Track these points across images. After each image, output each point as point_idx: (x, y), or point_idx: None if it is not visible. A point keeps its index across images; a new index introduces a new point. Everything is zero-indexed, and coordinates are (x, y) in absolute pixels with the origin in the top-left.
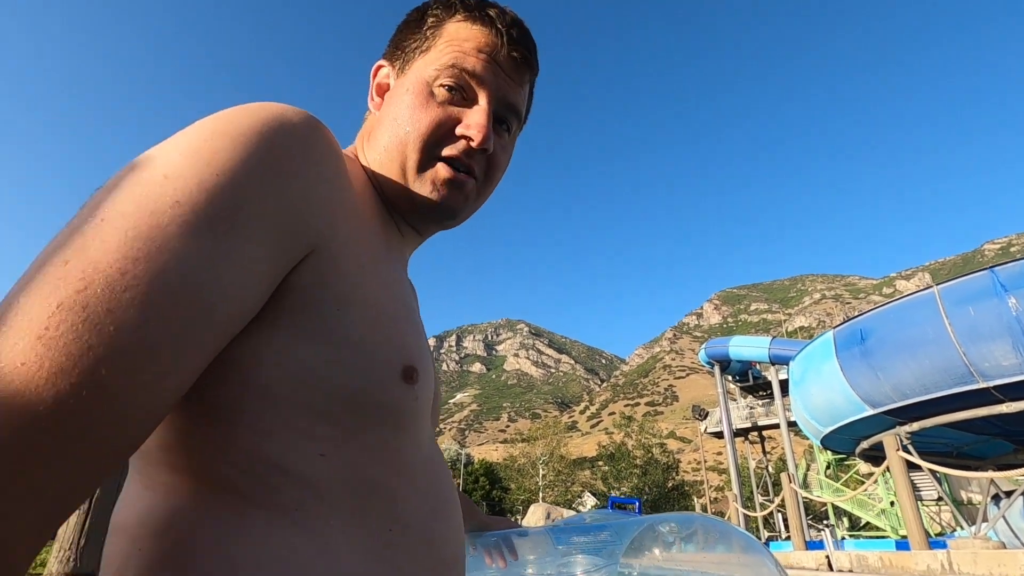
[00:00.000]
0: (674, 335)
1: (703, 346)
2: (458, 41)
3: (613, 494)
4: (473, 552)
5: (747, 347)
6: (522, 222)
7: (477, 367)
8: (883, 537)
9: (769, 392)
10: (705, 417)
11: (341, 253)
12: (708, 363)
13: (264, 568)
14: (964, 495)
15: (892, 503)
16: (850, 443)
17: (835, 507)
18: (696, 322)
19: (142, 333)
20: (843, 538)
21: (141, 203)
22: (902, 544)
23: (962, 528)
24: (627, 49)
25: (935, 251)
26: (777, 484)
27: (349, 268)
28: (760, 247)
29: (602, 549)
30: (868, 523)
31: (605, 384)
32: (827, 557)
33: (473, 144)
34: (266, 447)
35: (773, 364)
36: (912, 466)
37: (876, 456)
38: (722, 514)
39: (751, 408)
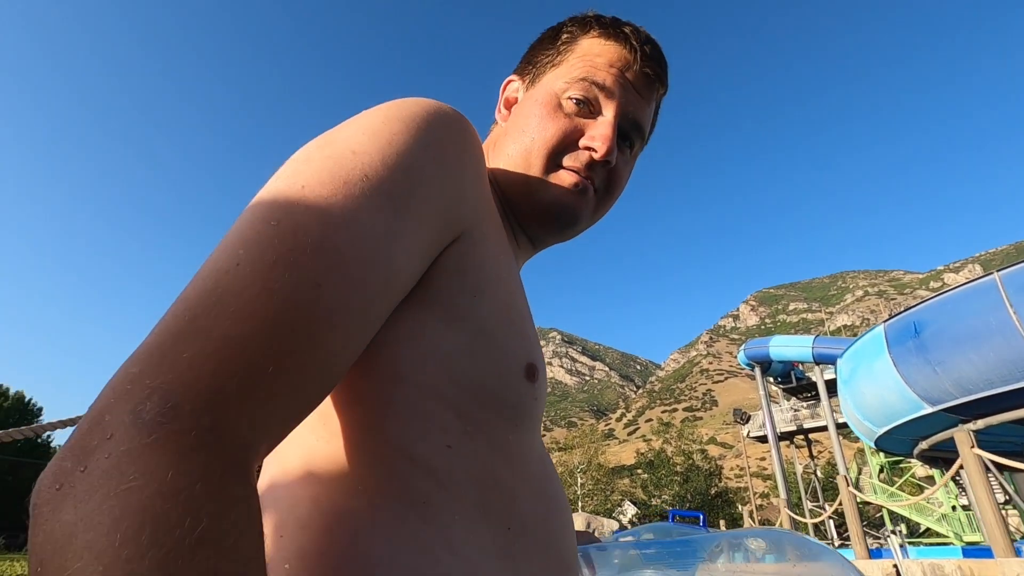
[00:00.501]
0: (710, 338)
1: (742, 347)
2: (591, 56)
3: (655, 502)
4: None
5: (789, 347)
6: None
7: None
8: (945, 544)
9: (814, 393)
10: (747, 421)
11: (480, 243)
12: (748, 365)
13: (396, 564)
14: None
15: (954, 507)
16: (907, 444)
17: (891, 513)
18: (733, 324)
19: (343, 297)
20: (901, 545)
21: (336, 174)
22: (970, 551)
23: None
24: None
25: (985, 241)
26: (827, 490)
27: (485, 259)
28: (797, 244)
29: (682, 562)
30: (928, 529)
31: (641, 390)
32: (895, 567)
33: (596, 156)
34: (397, 434)
35: (817, 364)
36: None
37: (936, 457)
38: (769, 522)
39: (795, 410)
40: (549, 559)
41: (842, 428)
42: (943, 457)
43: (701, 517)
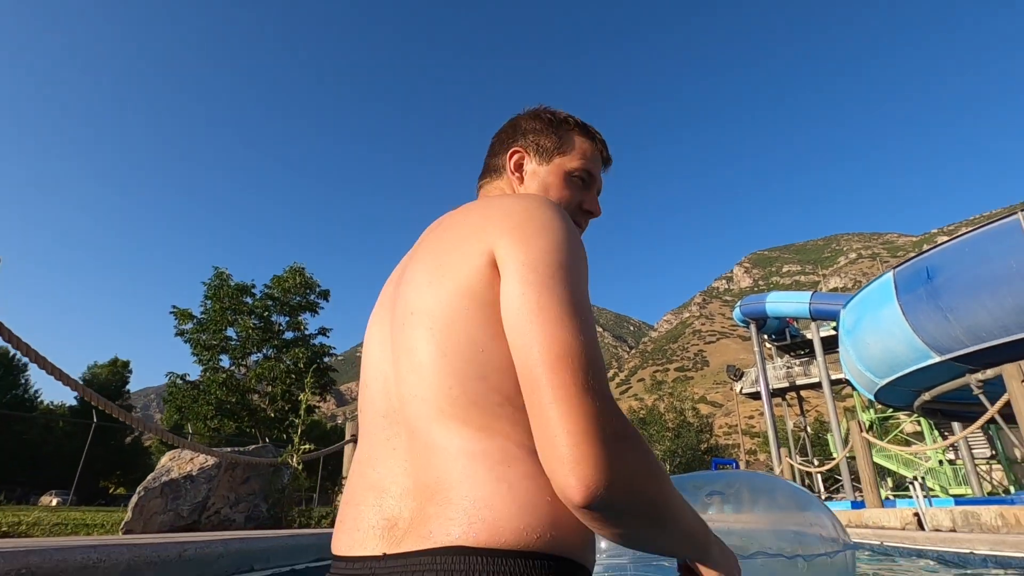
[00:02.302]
0: (703, 300)
1: (738, 304)
2: (583, 151)
3: None
4: None
5: (786, 303)
6: None
7: None
8: (932, 496)
9: (807, 351)
10: (740, 377)
11: None
12: (743, 321)
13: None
14: (1018, 453)
15: (940, 461)
16: (908, 396)
17: (878, 466)
18: (726, 286)
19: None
20: (887, 498)
21: (579, 284)
22: (962, 502)
23: (1018, 488)
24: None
25: (978, 204)
26: (815, 445)
27: None
28: (791, 207)
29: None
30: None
31: (634, 351)
32: (916, 515)
33: (595, 215)
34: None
35: (814, 320)
36: (962, 422)
37: (936, 409)
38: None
39: (788, 368)
40: None
41: (836, 384)
42: (943, 409)
43: (734, 464)
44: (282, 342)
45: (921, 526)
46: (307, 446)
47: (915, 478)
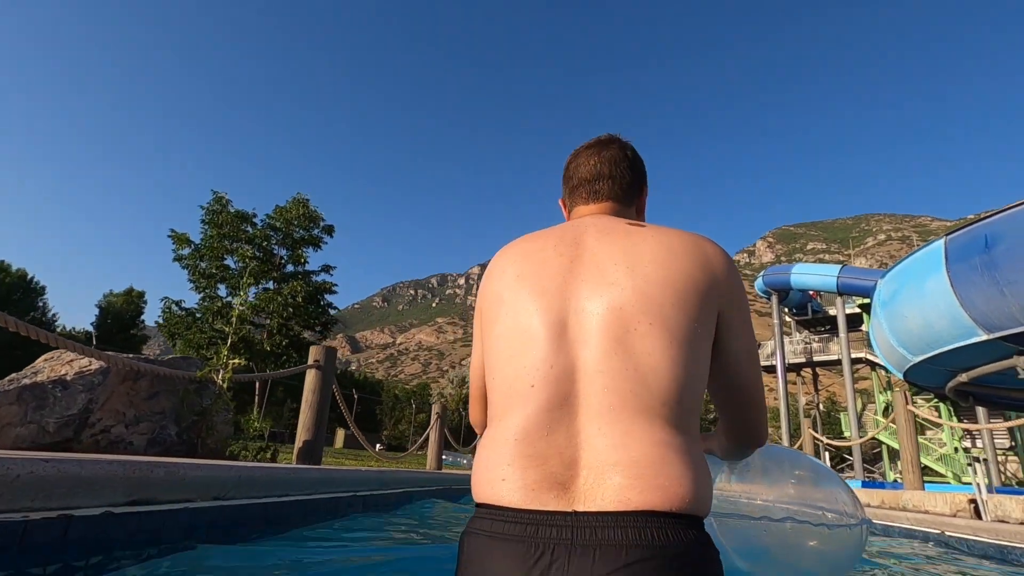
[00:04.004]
0: None
1: (760, 274)
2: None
3: None
4: None
5: (813, 275)
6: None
7: None
8: (943, 483)
9: (828, 328)
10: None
11: None
12: (764, 292)
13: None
14: None
15: (956, 449)
16: (943, 376)
17: (889, 449)
18: (748, 260)
19: None
20: (894, 480)
21: None
22: (1002, 491)
23: None
24: None
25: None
26: (826, 424)
27: None
28: (821, 182)
29: None
30: (926, 467)
31: None
32: (973, 502)
33: None
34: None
35: (841, 294)
36: (990, 408)
37: (970, 392)
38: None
39: (807, 343)
40: None
41: (857, 363)
42: (977, 392)
43: None
44: (282, 275)
45: (979, 515)
46: (236, 360)
47: (976, 459)
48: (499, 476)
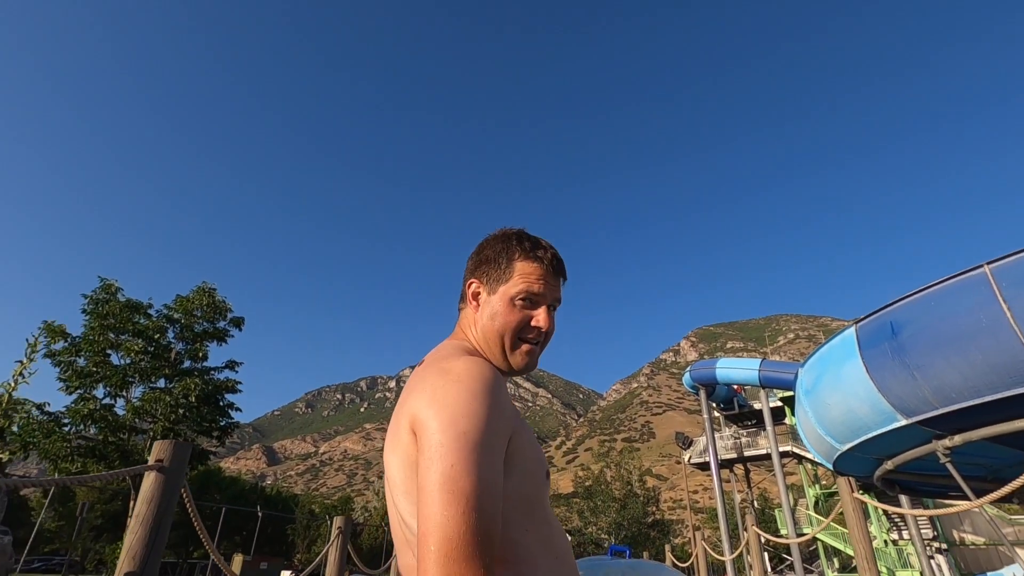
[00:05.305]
0: (651, 371)
1: (687, 369)
2: (525, 275)
3: (591, 530)
4: None
5: (736, 369)
6: None
7: None
8: None
9: (755, 422)
10: (689, 445)
11: (516, 422)
12: (692, 387)
13: None
14: (956, 535)
15: (885, 542)
16: (869, 464)
17: (824, 546)
18: (673, 358)
19: (496, 511)
20: None
21: (468, 457)
22: None
23: (962, 573)
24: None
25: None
26: (762, 521)
27: (518, 430)
28: (736, 286)
29: None
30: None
31: (582, 419)
32: None
33: (543, 330)
34: (508, 533)
35: (763, 387)
36: (914, 497)
37: (895, 481)
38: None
39: (736, 438)
40: (573, 568)
41: (785, 457)
42: (901, 480)
43: (627, 551)
44: (175, 372)
45: None
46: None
47: (940, 549)
48: None
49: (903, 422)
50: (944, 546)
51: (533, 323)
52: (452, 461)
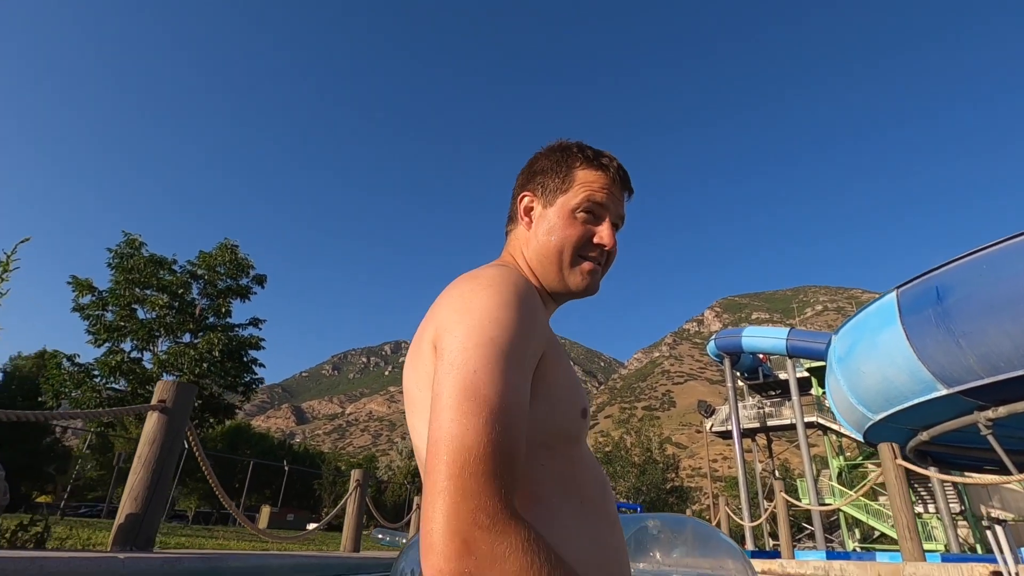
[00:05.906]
0: (674, 340)
1: (712, 337)
2: (587, 183)
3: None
4: None
5: (763, 337)
6: None
7: None
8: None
9: (779, 392)
10: (711, 414)
11: (549, 348)
12: (717, 356)
13: (556, 542)
14: (984, 509)
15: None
16: (903, 435)
17: (846, 517)
18: (697, 328)
19: (521, 425)
20: (854, 549)
21: (494, 360)
22: (947, 558)
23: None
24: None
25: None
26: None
27: (550, 354)
28: (763, 256)
29: None
30: (881, 535)
31: (603, 387)
32: (996, 575)
33: (606, 248)
34: (525, 469)
35: (791, 357)
36: (945, 470)
37: (929, 452)
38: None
39: (759, 408)
40: (605, 518)
41: (810, 427)
42: (935, 452)
43: (639, 508)
44: (199, 327)
45: None
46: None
47: (999, 520)
48: None
49: (943, 391)
50: (1002, 516)
51: (596, 239)
52: (475, 367)
